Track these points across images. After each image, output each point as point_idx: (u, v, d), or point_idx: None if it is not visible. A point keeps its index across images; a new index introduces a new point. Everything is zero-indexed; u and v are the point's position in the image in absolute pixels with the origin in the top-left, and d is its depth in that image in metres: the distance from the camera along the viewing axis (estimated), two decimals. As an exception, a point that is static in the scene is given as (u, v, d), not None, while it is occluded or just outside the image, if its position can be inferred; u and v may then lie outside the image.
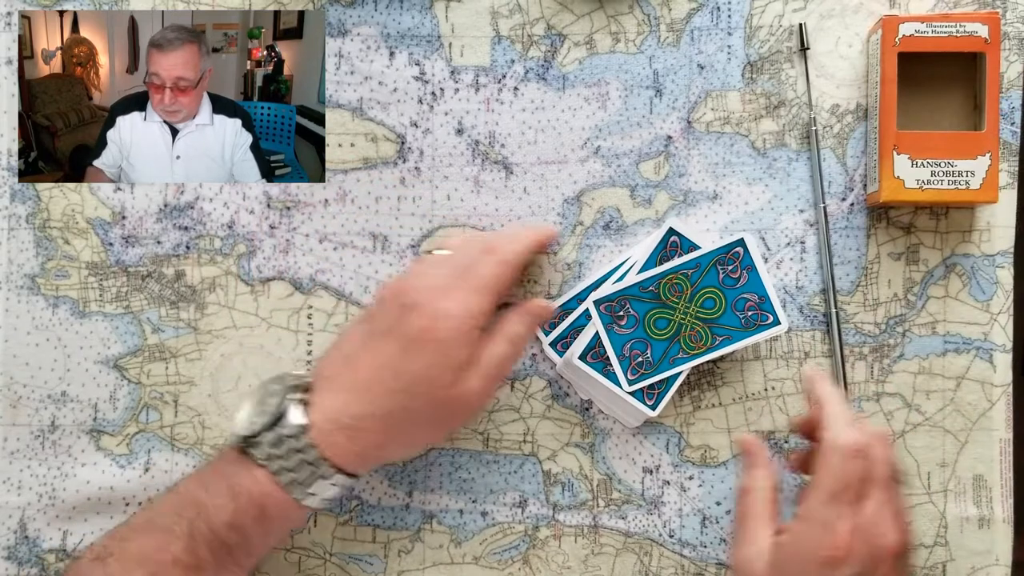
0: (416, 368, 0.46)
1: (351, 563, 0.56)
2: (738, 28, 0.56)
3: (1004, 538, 0.55)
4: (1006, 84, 0.55)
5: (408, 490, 0.56)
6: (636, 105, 0.56)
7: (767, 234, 0.56)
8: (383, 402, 0.46)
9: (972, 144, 0.52)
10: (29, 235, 0.56)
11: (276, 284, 0.56)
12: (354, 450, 0.46)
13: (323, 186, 0.57)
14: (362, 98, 0.57)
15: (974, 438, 0.55)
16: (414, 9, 0.57)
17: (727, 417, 0.56)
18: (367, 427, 0.46)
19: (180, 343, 0.56)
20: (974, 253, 0.55)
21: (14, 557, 0.55)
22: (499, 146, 0.56)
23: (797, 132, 0.56)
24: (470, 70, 0.56)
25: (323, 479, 0.45)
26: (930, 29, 0.52)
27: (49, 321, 0.56)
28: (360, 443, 0.46)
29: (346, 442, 0.45)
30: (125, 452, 0.56)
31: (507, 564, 0.56)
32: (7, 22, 0.56)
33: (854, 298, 0.55)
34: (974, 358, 0.55)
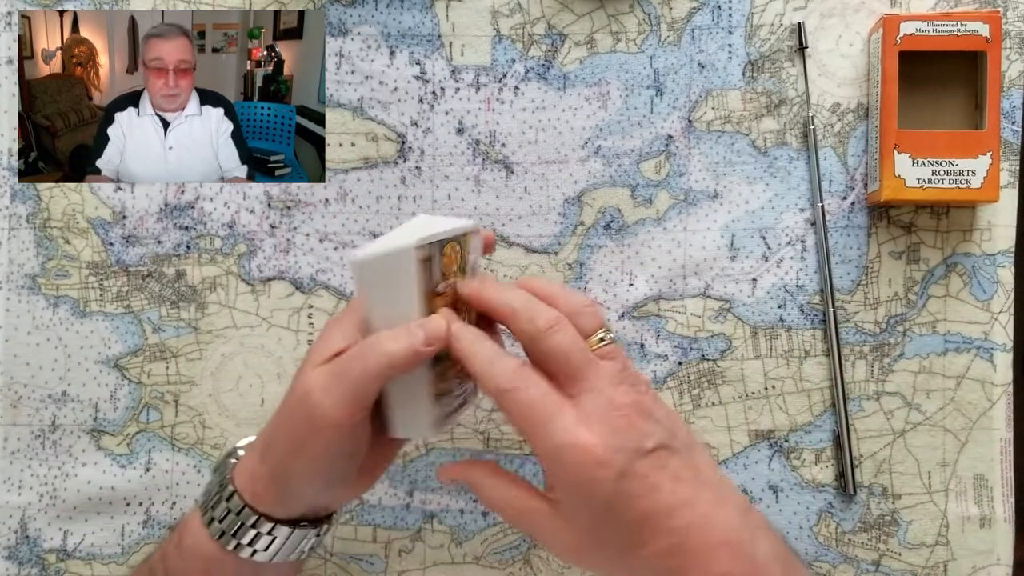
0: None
1: (351, 563, 0.56)
2: (739, 27, 0.56)
3: (1005, 537, 0.55)
4: (1007, 83, 0.55)
5: (409, 490, 0.56)
6: (637, 104, 0.56)
7: (768, 233, 0.56)
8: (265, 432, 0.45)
9: (973, 143, 0.52)
10: (29, 235, 0.56)
11: (277, 284, 0.56)
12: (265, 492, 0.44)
13: (323, 186, 0.57)
14: (362, 98, 0.57)
15: (975, 437, 0.55)
16: (414, 8, 0.56)
17: (727, 415, 0.56)
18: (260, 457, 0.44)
19: (181, 343, 0.56)
20: (975, 252, 0.55)
21: (14, 557, 0.55)
22: (500, 146, 0.56)
23: (798, 131, 0.56)
24: (471, 69, 0.56)
25: (251, 528, 0.43)
26: (931, 28, 0.52)
27: (50, 321, 0.56)
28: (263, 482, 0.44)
29: (263, 490, 0.44)
30: (126, 452, 0.56)
31: (508, 564, 0.56)
32: (7, 22, 0.56)
33: (855, 297, 0.55)
34: (975, 357, 0.55)
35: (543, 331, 0.41)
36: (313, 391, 0.41)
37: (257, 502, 0.44)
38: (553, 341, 0.41)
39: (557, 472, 0.40)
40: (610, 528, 0.40)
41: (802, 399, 0.55)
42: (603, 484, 0.39)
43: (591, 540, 0.41)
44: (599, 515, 0.40)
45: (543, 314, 0.42)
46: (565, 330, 0.42)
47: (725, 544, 0.39)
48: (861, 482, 0.55)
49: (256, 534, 0.44)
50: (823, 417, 0.55)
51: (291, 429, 0.42)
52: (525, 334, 0.42)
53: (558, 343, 0.41)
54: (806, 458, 0.55)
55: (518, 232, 0.56)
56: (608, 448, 0.39)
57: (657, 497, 0.39)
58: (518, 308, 0.42)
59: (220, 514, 0.44)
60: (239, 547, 0.44)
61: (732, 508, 0.40)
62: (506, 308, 0.43)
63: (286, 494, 0.43)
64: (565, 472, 0.40)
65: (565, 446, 0.39)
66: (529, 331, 0.42)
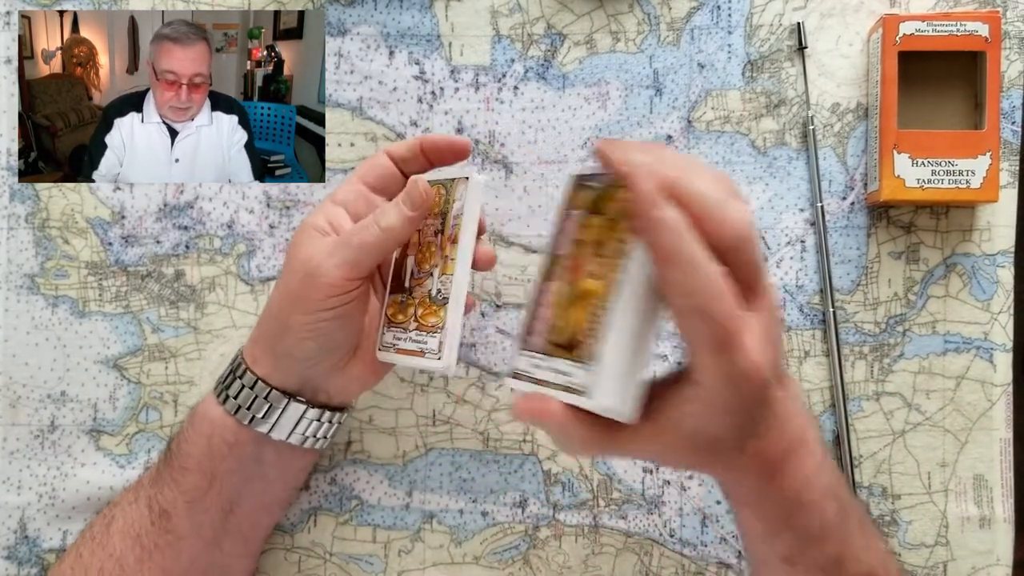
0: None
1: (351, 563, 0.56)
2: (738, 27, 0.56)
3: (1005, 537, 0.55)
4: (1007, 83, 0.55)
5: (408, 490, 0.56)
6: (636, 104, 0.56)
7: (767, 233, 0.56)
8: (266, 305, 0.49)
9: (972, 143, 0.52)
10: (28, 235, 0.56)
11: (276, 284, 0.56)
12: (263, 354, 0.48)
13: (323, 186, 0.57)
14: (362, 97, 0.57)
15: (974, 438, 0.55)
16: (414, 8, 0.57)
17: (727, 417, 0.56)
18: (260, 327, 0.49)
19: (180, 343, 0.56)
20: (974, 252, 0.55)
21: (14, 557, 0.55)
22: (499, 145, 0.56)
23: (797, 131, 0.56)
24: (470, 69, 0.56)
25: (263, 400, 0.48)
26: (930, 28, 0.52)
27: (49, 321, 0.56)
28: (262, 343, 0.48)
29: (257, 350, 0.48)
30: (125, 452, 0.56)
31: (507, 564, 0.56)
32: (7, 22, 0.56)
33: (854, 297, 0.55)
34: (974, 357, 0.55)
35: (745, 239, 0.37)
36: (316, 254, 0.45)
37: (256, 366, 0.48)
38: (751, 250, 0.37)
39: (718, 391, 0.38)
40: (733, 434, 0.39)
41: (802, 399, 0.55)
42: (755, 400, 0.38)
43: (710, 446, 0.40)
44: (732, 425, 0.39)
45: (743, 215, 0.37)
46: (756, 237, 0.38)
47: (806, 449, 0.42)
48: (861, 482, 0.55)
49: (268, 406, 0.48)
50: (823, 417, 0.55)
51: (290, 288, 0.46)
52: (720, 235, 0.36)
53: (755, 252, 0.37)
54: (806, 458, 0.55)
55: (518, 232, 0.56)
56: (770, 366, 0.38)
57: (774, 402, 0.39)
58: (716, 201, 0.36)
59: (235, 391, 0.48)
60: (254, 420, 0.48)
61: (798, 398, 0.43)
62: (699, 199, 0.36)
63: (283, 354, 0.47)
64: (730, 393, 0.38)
65: (745, 370, 0.37)
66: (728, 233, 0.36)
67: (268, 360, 0.48)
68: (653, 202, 0.35)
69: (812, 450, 0.42)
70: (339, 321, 0.46)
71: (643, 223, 0.36)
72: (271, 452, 0.49)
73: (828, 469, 0.43)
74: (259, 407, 0.48)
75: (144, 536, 0.49)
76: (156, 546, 0.49)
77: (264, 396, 0.48)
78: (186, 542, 0.49)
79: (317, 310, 0.45)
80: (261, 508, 0.52)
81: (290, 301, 0.46)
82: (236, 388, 0.48)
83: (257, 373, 0.48)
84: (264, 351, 0.48)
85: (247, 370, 0.48)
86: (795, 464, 0.41)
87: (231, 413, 0.48)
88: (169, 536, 0.48)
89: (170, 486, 0.49)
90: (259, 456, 0.49)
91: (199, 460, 0.48)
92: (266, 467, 0.50)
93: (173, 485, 0.49)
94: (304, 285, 0.45)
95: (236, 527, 0.50)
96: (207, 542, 0.49)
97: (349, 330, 0.47)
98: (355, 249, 0.45)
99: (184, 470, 0.48)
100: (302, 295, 0.46)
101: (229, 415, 0.48)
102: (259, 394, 0.48)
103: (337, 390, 0.50)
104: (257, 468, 0.49)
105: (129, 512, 0.50)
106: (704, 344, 0.37)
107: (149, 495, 0.49)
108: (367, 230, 0.45)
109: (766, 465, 0.41)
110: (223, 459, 0.48)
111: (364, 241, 0.45)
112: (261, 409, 0.48)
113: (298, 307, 0.46)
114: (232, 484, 0.49)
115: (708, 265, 0.35)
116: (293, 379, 0.48)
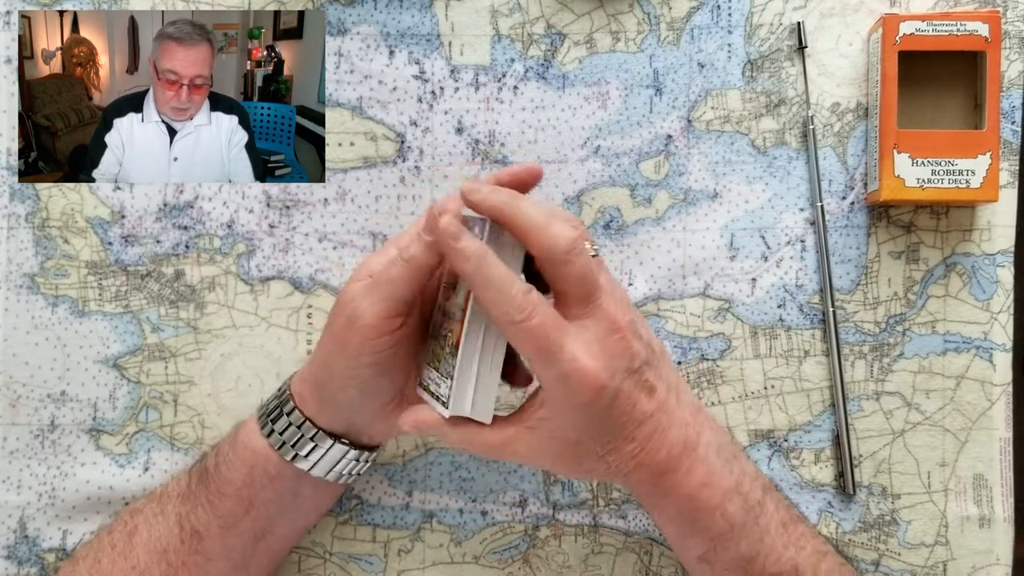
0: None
1: (351, 562, 0.56)
2: (738, 26, 0.56)
3: (1005, 537, 0.55)
4: (1007, 83, 0.55)
5: (408, 489, 0.56)
6: (636, 104, 0.56)
7: (767, 232, 0.56)
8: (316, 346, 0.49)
9: (972, 143, 0.52)
10: (28, 234, 0.56)
11: (276, 283, 0.56)
12: (311, 395, 0.48)
13: (323, 185, 0.57)
14: (362, 97, 0.57)
15: (974, 437, 0.55)
16: (414, 8, 0.57)
17: (726, 415, 0.56)
18: (310, 368, 0.49)
19: (180, 342, 0.56)
20: (974, 252, 0.55)
21: (14, 556, 0.55)
22: (499, 145, 0.56)
23: (797, 130, 0.56)
24: (470, 69, 0.56)
25: (309, 439, 0.48)
26: (930, 28, 0.52)
27: (48, 320, 0.56)
28: (311, 384, 0.48)
29: (305, 389, 0.48)
30: (125, 452, 0.56)
31: (507, 563, 0.56)
32: (7, 22, 0.56)
33: (854, 297, 0.55)
34: (974, 357, 0.55)
35: (567, 252, 0.41)
36: (355, 297, 0.45)
37: (304, 405, 0.48)
38: (578, 263, 0.42)
39: (557, 396, 0.42)
40: (592, 439, 0.43)
41: (801, 399, 0.55)
42: (599, 405, 0.42)
43: (570, 450, 0.44)
44: (585, 430, 0.43)
45: (564, 232, 0.41)
46: (584, 250, 0.42)
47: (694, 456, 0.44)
48: (860, 482, 0.55)
49: (313, 447, 0.48)
50: (822, 417, 0.55)
51: (333, 332, 0.46)
52: (544, 251, 0.41)
53: (581, 265, 0.42)
54: (805, 458, 0.55)
55: (517, 232, 0.56)
56: (607, 371, 0.42)
57: (634, 410, 0.43)
58: (538, 223, 0.41)
59: (281, 427, 0.48)
60: (296, 458, 0.48)
61: (686, 409, 0.45)
62: (524, 221, 0.42)
63: (328, 399, 0.47)
64: (566, 397, 0.42)
65: (571, 374, 0.41)
66: (550, 248, 0.41)
67: (315, 401, 0.48)
68: (452, 235, 0.41)
69: (703, 456, 0.44)
70: (378, 368, 0.46)
71: (449, 255, 0.42)
72: (309, 486, 0.50)
73: (731, 472, 0.45)
74: (303, 445, 0.48)
75: (172, 553, 0.49)
76: (184, 564, 0.49)
77: (310, 436, 0.48)
78: (215, 564, 0.49)
79: (357, 354, 0.45)
80: (291, 534, 0.52)
81: (335, 345, 0.46)
82: (283, 424, 0.48)
83: (305, 413, 0.48)
84: (311, 392, 0.48)
85: (295, 408, 0.48)
86: (684, 471, 0.44)
87: (275, 448, 0.48)
88: (198, 557, 0.49)
89: (205, 508, 0.49)
90: (297, 489, 0.49)
91: (238, 487, 0.48)
92: (302, 499, 0.50)
93: (208, 508, 0.49)
94: (344, 328, 0.45)
95: (265, 551, 0.51)
96: (235, 564, 0.50)
97: (390, 377, 0.47)
98: (385, 285, 0.45)
99: (222, 495, 0.48)
100: (343, 339, 0.46)
101: (272, 449, 0.48)
102: (305, 434, 0.48)
103: (381, 433, 0.50)
104: (293, 500, 0.50)
105: (155, 526, 0.50)
106: (530, 353, 0.42)
107: (180, 512, 0.49)
108: (394, 265, 0.45)
109: (649, 474, 0.44)
110: (263, 488, 0.48)
111: (392, 276, 0.45)
112: (305, 448, 0.48)
113: (341, 351, 0.46)
114: (267, 513, 0.49)
115: (512, 284, 0.41)
116: (340, 423, 0.48)
